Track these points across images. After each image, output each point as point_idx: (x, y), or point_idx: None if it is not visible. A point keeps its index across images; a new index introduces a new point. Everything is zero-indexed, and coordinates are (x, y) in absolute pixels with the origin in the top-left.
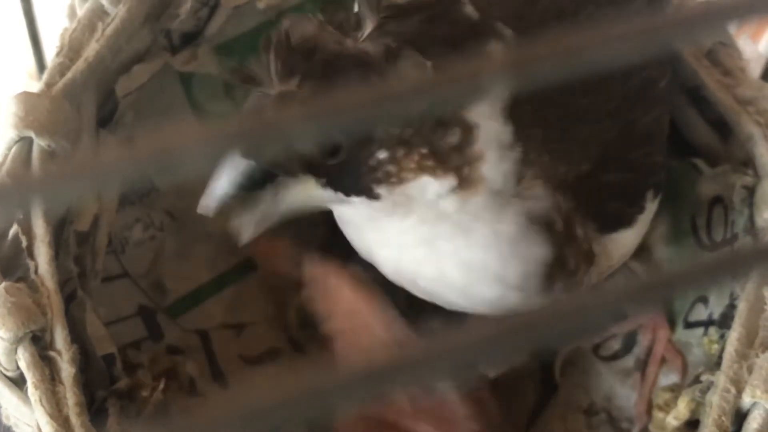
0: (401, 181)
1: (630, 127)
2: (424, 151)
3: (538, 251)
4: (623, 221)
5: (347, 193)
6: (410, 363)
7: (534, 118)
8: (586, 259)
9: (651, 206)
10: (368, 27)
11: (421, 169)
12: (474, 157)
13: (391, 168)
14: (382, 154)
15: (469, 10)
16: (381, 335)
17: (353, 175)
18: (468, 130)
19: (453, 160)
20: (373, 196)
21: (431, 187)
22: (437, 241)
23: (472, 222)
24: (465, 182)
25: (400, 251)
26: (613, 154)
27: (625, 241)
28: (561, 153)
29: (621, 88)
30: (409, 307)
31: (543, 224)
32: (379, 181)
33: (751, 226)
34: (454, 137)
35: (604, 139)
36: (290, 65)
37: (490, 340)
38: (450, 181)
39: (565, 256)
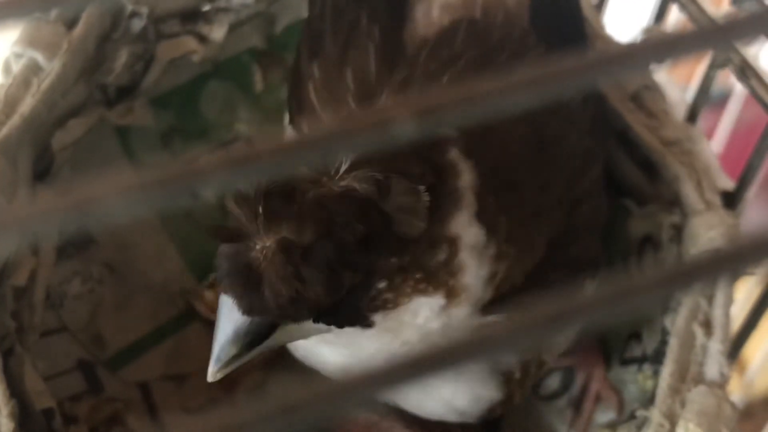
0: (396, 306)
1: (571, 219)
2: (419, 275)
3: (494, 395)
4: None
5: (341, 325)
6: (330, 393)
7: (497, 207)
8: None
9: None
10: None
11: (416, 292)
12: (458, 268)
13: (389, 295)
14: (382, 284)
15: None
16: None
17: (350, 308)
18: (453, 244)
19: (441, 276)
20: (367, 324)
21: (423, 309)
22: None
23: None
24: (450, 296)
25: (360, 362)
26: (553, 254)
27: (569, 334)
28: (523, 244)
29: (564, 173)
30: None
31: (504, 374)
32: (376, 309)
33: (680, 262)
34: (442, 254)
35: (551, 232)
36: (275, 211)
37: (402, 372)
38: (439, 299)
39: (512, 396)
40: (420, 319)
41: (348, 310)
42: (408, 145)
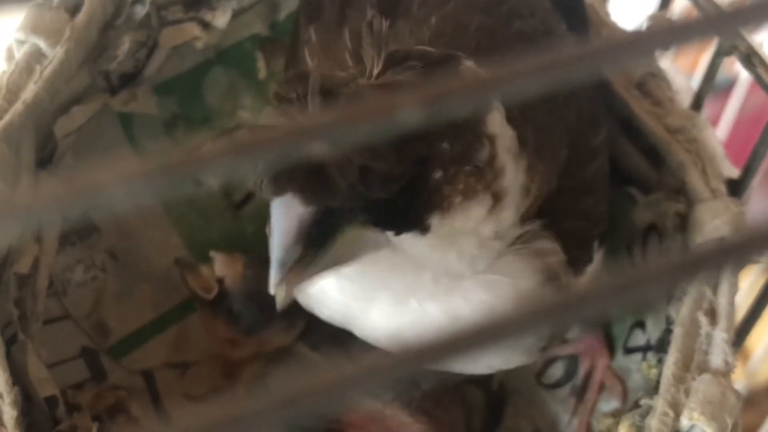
0: (450, 206)
1: (583, 172)
2: (469, 168)
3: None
4: (577, 271)
5: (398, 230)
6: (331, 385)
7: (522, 119)
8: None
9: (597, 257)
10: (374, 68)
11: (467, 191)
12: (499, 169)
13: (444, 189)
14: (438, 173)
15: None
16: None
17: (407, 205)
18: (492, 142)
19: (486, 175)
20: (424, 228)
21: (474, 211)
22: (455, 293)
23: (497, 275)
24: (496, 199)
25: (403, 309)
26: (566, 203)
27: None
28: (548, 162)
29: (569, 134)
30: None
31: (555, 281)
32: (432, 208)
33: (685, 251)
34: (485, 150)
35: (563, 165)
36: (327, 96)
37: (405, 362)
38: (487, 199)
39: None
40: (472, 221)
41: (406, 209)
42: None
